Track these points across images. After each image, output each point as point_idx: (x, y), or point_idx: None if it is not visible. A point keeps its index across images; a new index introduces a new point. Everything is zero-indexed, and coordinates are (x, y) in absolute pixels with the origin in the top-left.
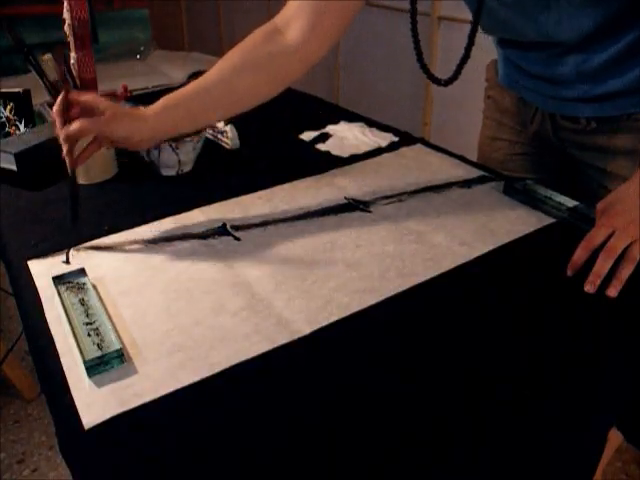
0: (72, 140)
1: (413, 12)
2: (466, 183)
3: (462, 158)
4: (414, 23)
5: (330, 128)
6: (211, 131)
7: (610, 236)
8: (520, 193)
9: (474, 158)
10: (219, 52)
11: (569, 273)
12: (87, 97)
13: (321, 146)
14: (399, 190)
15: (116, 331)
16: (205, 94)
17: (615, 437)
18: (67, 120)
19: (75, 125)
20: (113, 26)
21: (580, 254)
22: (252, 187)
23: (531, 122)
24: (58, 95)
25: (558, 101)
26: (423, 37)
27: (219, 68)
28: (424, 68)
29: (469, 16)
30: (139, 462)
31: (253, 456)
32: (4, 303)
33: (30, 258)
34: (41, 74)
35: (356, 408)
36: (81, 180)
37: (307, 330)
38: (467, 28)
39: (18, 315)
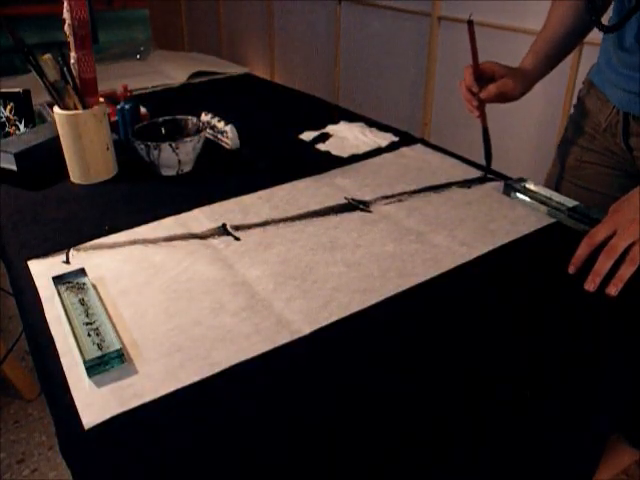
0: (485, 103)
1: None
2: (466, 183)
3: (462, 158)
4: None
5: (330, 128)
6: (211, 131)
7: (612, 234)
8: (520, 193)
9: (474, 158)
10: (219, 52)
11: (571, 270)
12: (485, 65)
13: (321, 146)
14: (399, 190)
15: (116, 331)
16: (555, 39)
17: (628, 453)
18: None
19: (492, 89)
20: (113, 26)
21: (582, 251)
22: (252, 187)
23: (605, 121)
24: (58, 95)
25: (634, 96)
26: (423, 37)
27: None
28: (595, 13)
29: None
30: (139, 462)
31: (253, 456)
32: (4, 303)
33: (30, 258)
34: (41, 74)
35: (356, 408)
36: (81, 180)
37: (307, 330)
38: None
39: (18, 315)
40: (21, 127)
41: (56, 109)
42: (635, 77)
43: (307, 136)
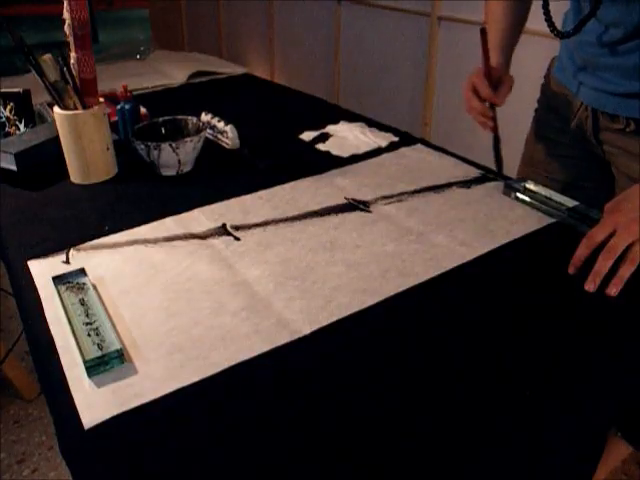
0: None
1: None
2: (466, 183)
3: (462, 158)
4: None
5: (330, 128)
6: (211, 131)
7: (612, 234)
8: (520, 193)
9: (474, 158)
10: (219, 52)
11: (571, 271)
12: (494, 71)
13: (321, 146)
14: (399, 190)
15: (116, 331)
16: (505, 34)
17: (623, 447)
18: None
19: (504, 93)
20: (113, 26)
21: (581, 252)
22: (252, 187)
23: (574, 117)
24: (58, 95)
25: (602, 94)
26: (423, 37)
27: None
28: (548, 19)
29: (469, 16)
30: (139, 462)
31: (253, 456)
32: (4, 303)
33: (30, 258)
34: (41, 74)
35: (356, 408)
36: (81, 180)
37: (307, 330)
38: (468, 28)
39: (18, 315)
40: (21, 127)
41: (56, 109)
42: (602, 76)
43: (307, 136)
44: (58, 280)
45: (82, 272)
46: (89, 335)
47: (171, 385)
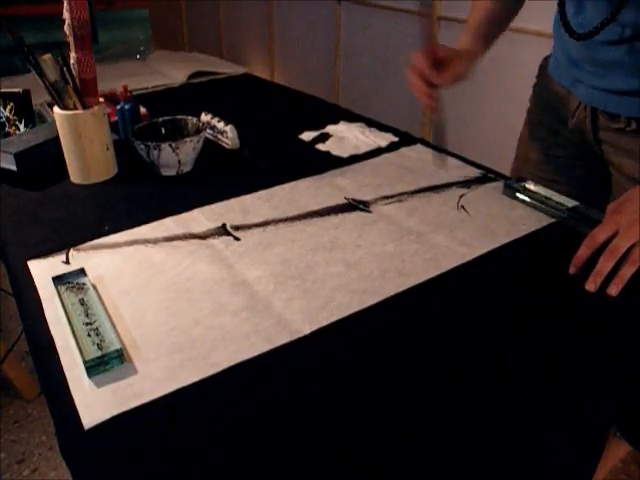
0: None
1: None
2: (466, 183)
3: (462, 158)
4: None
5: (330, 128)
6: (211, 131)
7: (613, 235)
8: (520, 193)
9: (474, 158)
10: (219, 52)
11: (571, 271)
12: (440, 49)
13: (321, 146)
14: (399, 190)
15: (116, 331)
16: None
17: (622, 446)
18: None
19: (447, 77)
20: (113, 26)
21: (583, 252)
22: (252, 187)
23: (572, 117)
24: (58, 95)
25: (603, 93)
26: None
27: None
28: (565, 22)
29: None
30: (139, 462)
31: (253, 456)
32: (4, 303)
33: (30, 258)
34: (41, 74)
35: (356, 408)
36: (81, 180)
37: (307, 330)
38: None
39: (18, 315)
40: (21, 127)
41: (56, 109)
42: (604, 74)
43: (307, 136)
44: (58, 280)
45: (82, 272)
46: (89, 335)
47: (171, 385)
